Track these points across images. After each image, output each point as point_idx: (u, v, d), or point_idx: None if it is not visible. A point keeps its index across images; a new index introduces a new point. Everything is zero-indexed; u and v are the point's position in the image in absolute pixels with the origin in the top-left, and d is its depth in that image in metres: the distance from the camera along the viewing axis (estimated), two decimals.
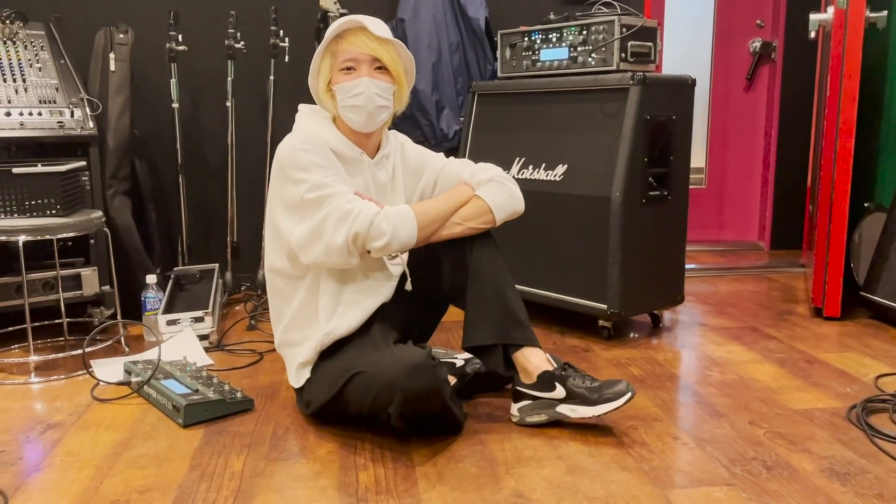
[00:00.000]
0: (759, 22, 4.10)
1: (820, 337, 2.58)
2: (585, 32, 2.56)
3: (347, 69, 1.78)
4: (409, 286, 1.82)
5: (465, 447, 1.72)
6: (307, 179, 1.69)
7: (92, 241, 2.58)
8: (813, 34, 2.84)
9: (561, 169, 2.57)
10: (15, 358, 2.40)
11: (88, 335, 2.38)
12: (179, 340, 2.43)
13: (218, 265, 3.07)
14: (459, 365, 2.04)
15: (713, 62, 4.14)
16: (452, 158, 1.99)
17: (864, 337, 2.57)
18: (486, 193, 1.83)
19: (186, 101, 3.22)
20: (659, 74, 2.49)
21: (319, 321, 1.78)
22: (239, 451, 1.72)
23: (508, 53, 2.85)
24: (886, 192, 3.07)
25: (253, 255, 3.26)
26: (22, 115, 2.50)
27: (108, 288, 2.60)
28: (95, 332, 2.44)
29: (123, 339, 2.53)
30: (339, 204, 1.67)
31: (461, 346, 1.84)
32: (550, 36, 2.68)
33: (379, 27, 1.77)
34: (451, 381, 1.88)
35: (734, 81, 4.16)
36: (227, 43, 2.99)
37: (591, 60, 2.55)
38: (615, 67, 2.48)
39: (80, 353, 2.37)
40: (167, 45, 2.94)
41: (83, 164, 2.58)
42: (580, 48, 2.58)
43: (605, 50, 2.51)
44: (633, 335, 2.60)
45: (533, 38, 2.75)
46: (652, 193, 2.48)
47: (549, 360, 1.82)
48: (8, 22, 2.65)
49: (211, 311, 2.58)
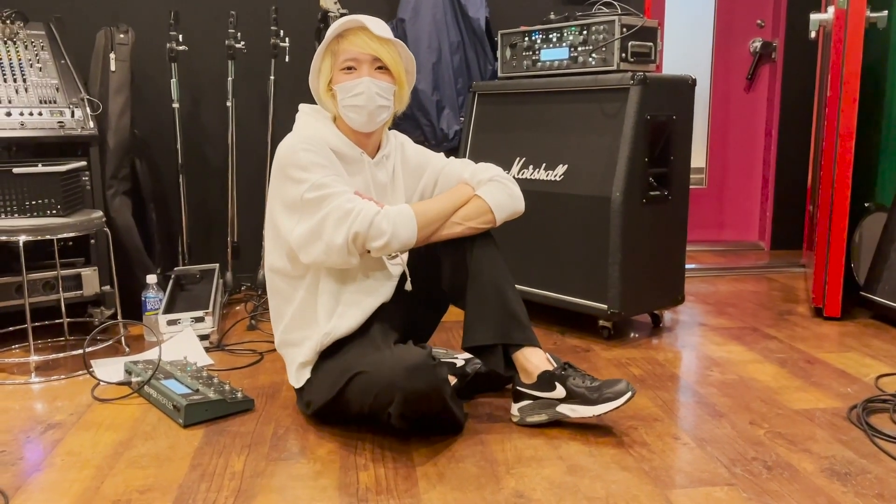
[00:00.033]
0: (759, 22, 4.10)
1: (820, 337, 2.58)
2: (586, 32, 2.56)
3: (348, 69, 1.78)
4: (408, 286, 1.82)
5: (465, 447, 1.72)
6: (307, 179, 1.69)
7: (92, 241, 2.59)
8: (813, 34, 2.84)
9: (561, 169, 2.57)
10: (15, 358, 2.40)
11: (89, 335, 2.38)
12: (180, 340, 2.43)
13: (218, 265, 3.07)
14: (460, 365, 2.04)
15: (713, 62, 4.14)
16: (453, 158, 1.99)
17: (864, 337, 2.57)
18: (486, 193, 1.83)
19: (187, 101, 3.22)
20: (659, 74, 2.49)
21: (319, 321, 1.78)
22: (239, 451, 1.72)
23: (509, 53, 2.85)
24: (887, 191, 3.07)
25: (253, 255, 3.26)
26: (22, 115, 2.50)
27: (108, 288, 2.60)
28: (96, 332, 2.44)
29: (124, 339, 2.53)
30: (339, 203, 1.67)
31: (461, 346, 1.84)
32: (551, 36, 2.68)
33: (380, 27, 1.77)
34: (451, 381, 1.88)
35: (734, 81, 4.16)
36: (227, 43, 2.99)
37: (591, 60, 2.55)
38: (615, 67, 2.48)
39: (80, 353, 2.37)
40: (167, 45, 2.94)
41: (83, 164, 2.58)
42: (580, 48, 2.58)
43: (605, 50, 2.51)
44: (633, 335, 2.60)
45: (533, 38, 2.75)
46: (652, 193, 2.48)
47: (549, 359, 1.82)
48: (8, 22, 2.65)
49: (211, 311, 2.58)
